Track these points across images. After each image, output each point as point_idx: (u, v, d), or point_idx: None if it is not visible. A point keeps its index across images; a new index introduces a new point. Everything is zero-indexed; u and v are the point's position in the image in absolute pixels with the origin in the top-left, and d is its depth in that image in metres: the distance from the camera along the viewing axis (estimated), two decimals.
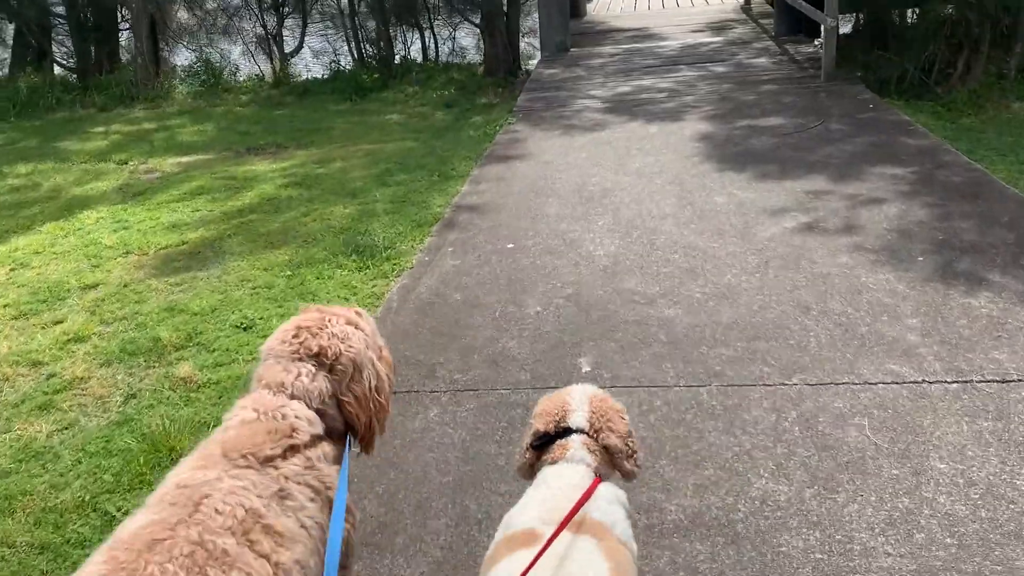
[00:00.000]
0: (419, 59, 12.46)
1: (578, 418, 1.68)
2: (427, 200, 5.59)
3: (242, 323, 3.93)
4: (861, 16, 9.12)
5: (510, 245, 4.50)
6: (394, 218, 5.29)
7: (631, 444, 1.70)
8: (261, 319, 3.95)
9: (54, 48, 12.80)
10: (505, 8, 11.83)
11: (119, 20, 12.62)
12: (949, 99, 6.70)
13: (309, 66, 13.10)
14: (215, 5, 13.31)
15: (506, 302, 3.80)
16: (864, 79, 7.52)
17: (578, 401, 1.72)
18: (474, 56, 12.80)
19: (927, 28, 7.04)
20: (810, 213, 4.55)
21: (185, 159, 7.67)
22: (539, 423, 1.71)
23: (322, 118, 9.54)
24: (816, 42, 8.99)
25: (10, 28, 13.10)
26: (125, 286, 4.56)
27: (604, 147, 6.24)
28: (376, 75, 11.02)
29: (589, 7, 13.95)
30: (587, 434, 1.66)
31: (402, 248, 4.71)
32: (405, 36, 12.67)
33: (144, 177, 7.11)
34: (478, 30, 11.96)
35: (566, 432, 1.67)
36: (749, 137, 6.11)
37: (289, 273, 4.52)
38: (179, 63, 13.13)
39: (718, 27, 11.08)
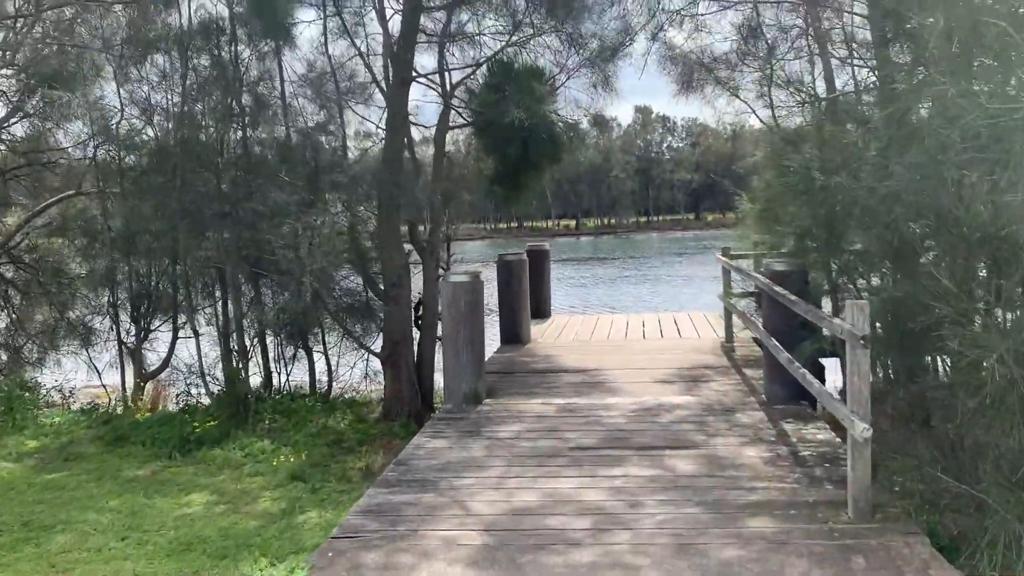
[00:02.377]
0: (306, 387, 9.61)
1: None
2: None
3: None
4: (890, 367, 6.26)
5: None
6: None
7: None
8: None
9: None
10: (417, 335, 9.17)
11: None
12: None
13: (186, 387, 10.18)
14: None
15: None
16: (915, 505, 4.46)
17: None
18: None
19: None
20: None
21: None
22: None
23: (88, 497, 6.37)
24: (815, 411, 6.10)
25: None
26: None
27: None
28: (211, 421, 8.01)
29: (534, 331, 11.39)
30: None
31: None
32: (284, 356, 9.90)
33: None
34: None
35: None
36: None
37: None
38: None
39: (691, 378, 8.29)
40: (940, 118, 4.04)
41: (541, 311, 12.95)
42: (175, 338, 10.05)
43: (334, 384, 10.10)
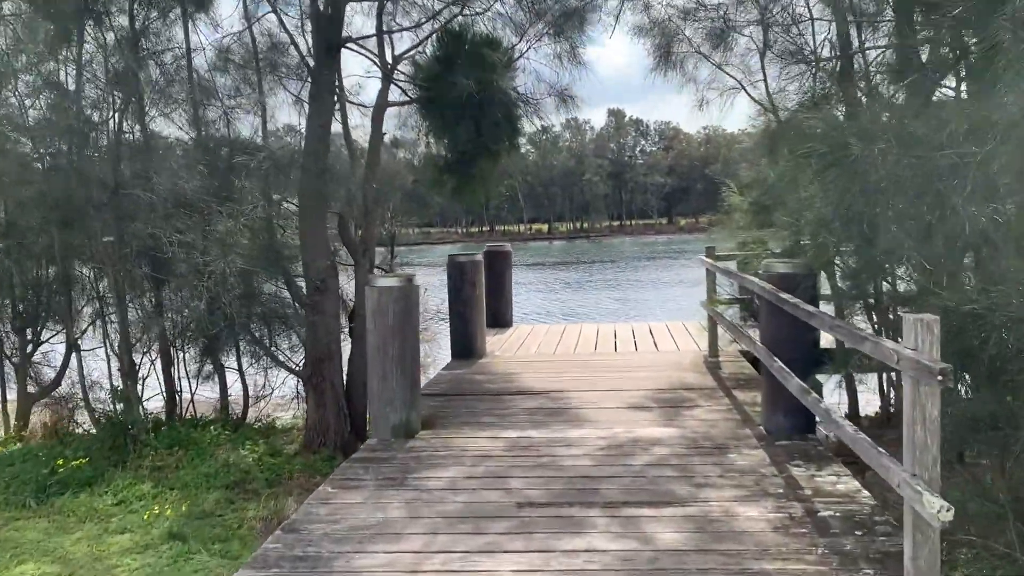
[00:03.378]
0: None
1: None
2: None
3: None
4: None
5: None
6: None
7: None
8: None
9: None
10: (347, 354, 7.73)
11: None
12: None
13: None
14: None
15: None
16: None
17: None
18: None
19: None
20: None
21: None
22: None
23: None
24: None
25: None
26: None
27: None
28: (82, 458, 6.49)
29: (491, 343, 9.97)
30: None
31: None
32: (188, 374, 8.38)
33: None
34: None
35: None
36: None
37: None
38: None
39: (671, 402, 6.90)
40: None
41: (501, 320, 11.53)
42: (68, 352, 8.49)
43: (252, 408, 8.59)
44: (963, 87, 5.27)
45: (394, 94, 8.25)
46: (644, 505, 4.49)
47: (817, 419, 5.76)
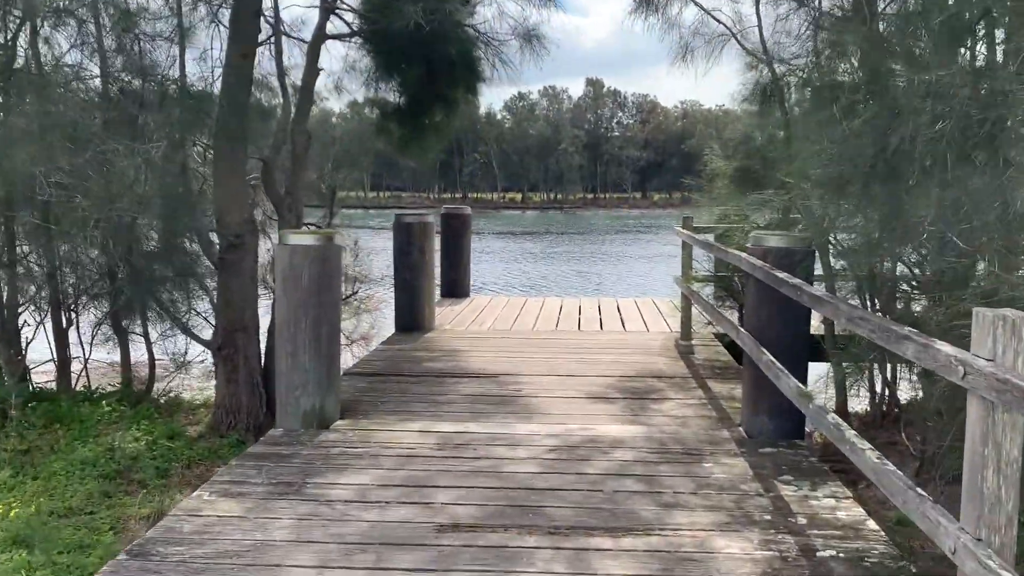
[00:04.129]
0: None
1: None
2: None
3: None
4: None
5: None
6: None
7: None
8: None
9: None
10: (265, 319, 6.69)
11: None
12: None
13: None
14: None
15: None
16: None
17: None
18: None
19: None
20: None
21: None
22: None
23: None
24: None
25: None
26: None
27: None
28: None
29: (443, 315, 8.98)
30: None
31: None
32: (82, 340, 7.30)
33: None
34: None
35: None
36: None
37: None
38: None
39: (637, 392, 5.97)
40: None
41: (457, 289, 10.55)
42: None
43: (165, 380, 7.53)
44: None
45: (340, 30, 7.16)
46: (599, 532, 3.55)
47: (808, 425, 4.87)
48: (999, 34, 3.20)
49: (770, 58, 6.50)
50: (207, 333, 6.91)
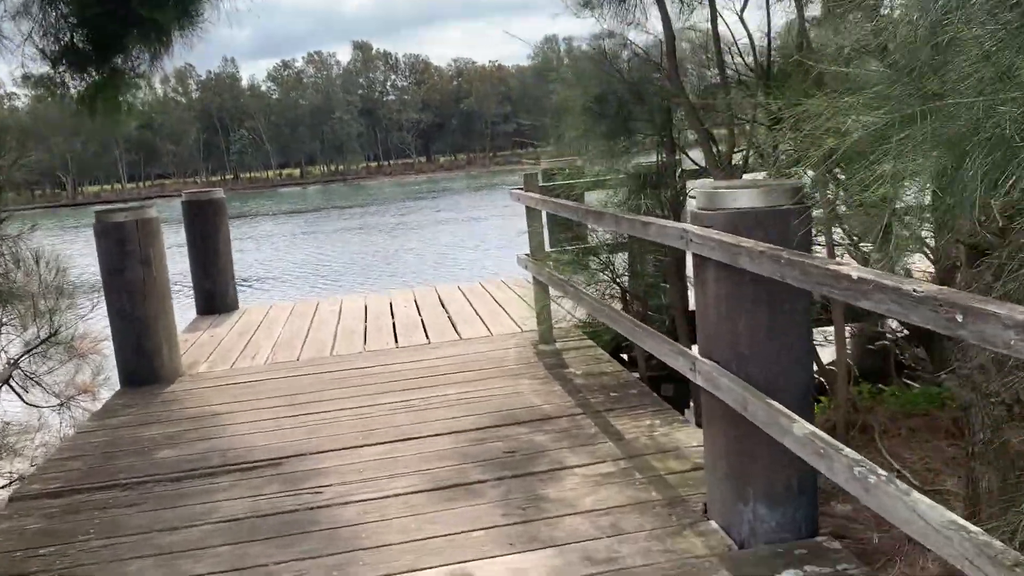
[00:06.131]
0: None
1: None
2: None
3: None
4: None
5: None
6: None
7: None
8: None
9: None
10: None
11: None
12: None
13: None
14: None
15: None
16: None
17: None
18: None
19: None
20: None
21: None
22: None
23: None
24: None
25: None
26: None
27: None
28: None
29: (194, 346, 6.24)
30: None
31: None
32: None
33: None
34: None
35: None
36: None
37: None
38: None
39: (513, 461, 3.68)
40: None
41: (217, 303, 7.78)
42: None
43: None
44: None
45: None
46: None
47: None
48: None
49: None
50: None
